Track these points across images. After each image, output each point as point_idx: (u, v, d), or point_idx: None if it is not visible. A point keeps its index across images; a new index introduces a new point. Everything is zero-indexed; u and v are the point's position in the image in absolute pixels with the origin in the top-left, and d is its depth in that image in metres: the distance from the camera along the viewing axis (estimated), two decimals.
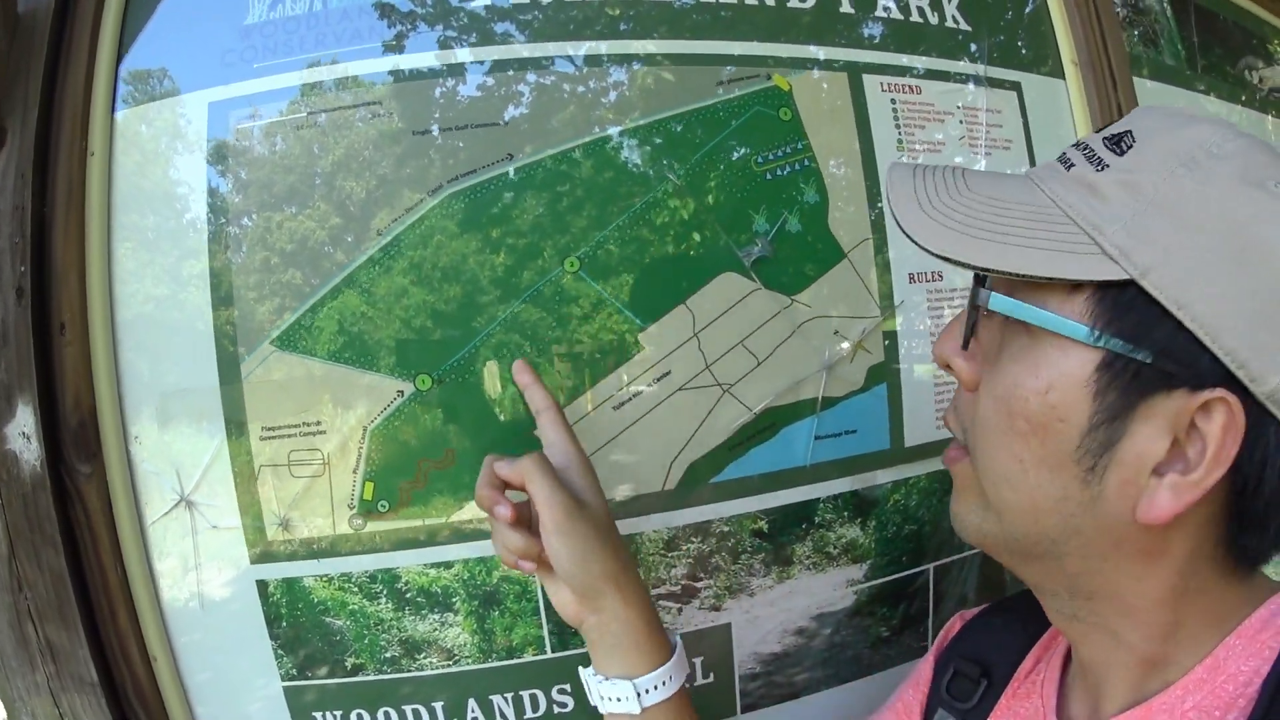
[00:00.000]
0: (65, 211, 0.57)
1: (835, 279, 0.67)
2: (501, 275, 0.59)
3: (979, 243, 0.37)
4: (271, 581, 0.59)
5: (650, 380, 0.61)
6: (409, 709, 0.62)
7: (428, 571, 0.60)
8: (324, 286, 0.57)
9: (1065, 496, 0.36)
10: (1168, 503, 0.33)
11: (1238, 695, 0.35)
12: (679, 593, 0.65)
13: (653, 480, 0.62)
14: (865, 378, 0.68)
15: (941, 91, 0.77)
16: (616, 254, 0.61)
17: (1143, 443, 0.34)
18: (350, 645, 0.60)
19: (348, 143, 0.58)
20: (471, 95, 0.60)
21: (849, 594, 0.70)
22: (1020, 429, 0.37)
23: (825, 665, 0.71)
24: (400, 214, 0.57)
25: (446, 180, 0.58)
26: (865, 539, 0.69)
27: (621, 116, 0.63)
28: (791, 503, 0.66)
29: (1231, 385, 0.32)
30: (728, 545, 0.65)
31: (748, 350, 0.64)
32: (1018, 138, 0.81)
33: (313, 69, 0.58)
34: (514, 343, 0.59)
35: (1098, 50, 0.88)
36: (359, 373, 0.57)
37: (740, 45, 0.68)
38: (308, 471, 0.57)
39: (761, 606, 0.67)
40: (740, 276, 0.64)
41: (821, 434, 0.66)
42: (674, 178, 0.64)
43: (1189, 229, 0.33)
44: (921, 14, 0.77)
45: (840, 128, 0.71)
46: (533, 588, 0.62)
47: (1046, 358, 0.36)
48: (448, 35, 0.61)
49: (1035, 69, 0.84)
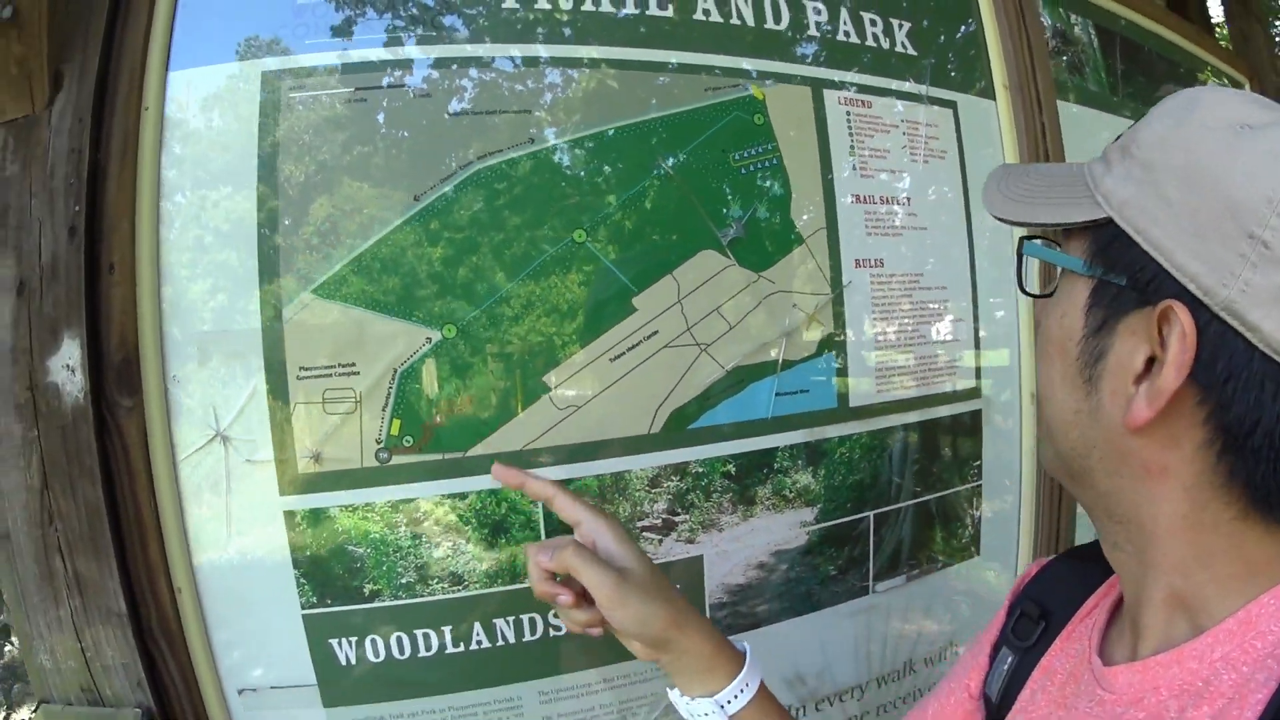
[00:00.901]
0: (120, 160, 0.74)
1: (795, 260, 0.93)
2: (519, 241, 0.81)
3: (1020, 206, 0.53)
4: (299, 512, 0.77)
5: (641, 338, 0.84)
6: (419, 633, 0.81)
7: (444, 502, 0.80)
8: (366, 243, 0.77)
9: (1078, 409, 0.49)
10: (1143, 408, 0.44)
11: (1267, 655, 0.42)
12: (660, 525, 0.87)
13: (641, 424, 0.85)
14: (817, 345, 0.93)
15: (888, 107, 1.04)
16: (617, 229, 0.84)
17: (1124, 355, 0.45)
18: (369, 573, 0.79)
19: (390, 118, 0.78)
20: (504, 84, 0.82)
21: (802, 534, 0.95)
22: (1048, 352, 0.51)
23: (782, 598, 0.95)
24: (435, 184, 0.78)
25: (477, 157, 0.80)
26: (816, 485, 0.94)
27: (624, 112, 0.86)
28: (755, 449, 0.90)
29: (1186, 298, 0.42)
30: (701, 485, 0.88)
31: (722, 316, 0.88)
32: (952, 149, 1.09)
33: (360, 50, 0.78)
34: (529, 296, 0.81)
35: (1027, 76, 1.17)
36: (392, 320, 0.77)
37: (725, 59, 0.93)
38: (341, 409, 0.76)
39: (729, 542, 0.91)
40: (718, 254, 0.89)
41: (781, 391, 0.91)
42: (667, 167, 0.86)
43: (1154, 168, 0.44)
44: (875, 39, 1.05)
45: (803, 133, 0.97)
46: (536, 518, 0.82)
47: (1064, 291, 0.50)
48: (490, 30, 0.82)
49: (970, 90, 1.13)
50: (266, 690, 0.79)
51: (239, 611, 0.78)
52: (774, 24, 0.96)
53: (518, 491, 0.79)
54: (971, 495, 1.09)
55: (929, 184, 1.06)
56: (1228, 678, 0.43)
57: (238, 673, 0.78)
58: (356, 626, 0.79)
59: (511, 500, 0.81)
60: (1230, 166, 0.42)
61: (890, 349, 1.00)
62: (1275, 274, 0.40)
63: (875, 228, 0.99)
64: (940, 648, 1.09)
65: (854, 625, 1.00)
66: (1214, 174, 0.42)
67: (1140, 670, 0.48)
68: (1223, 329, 0.42)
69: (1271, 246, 0.40)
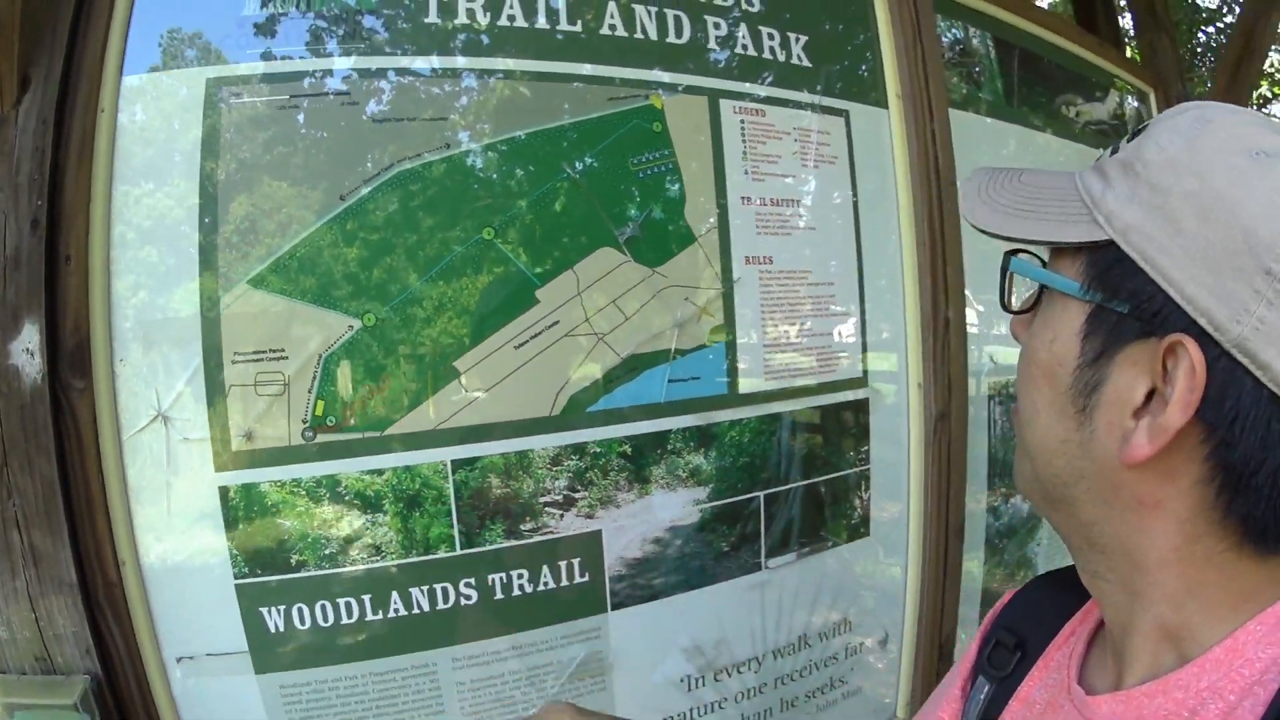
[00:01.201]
0: (78, 159, 0.92)
1: (688, 257, 1.16)
2: (433, 238, 1.02)
3: (1008, 218, 0.58)
4: (233, 487, 0.96)
5: (543, 327, 1.06)
6: (342, 602, 1.01)
7: (364, 478, 1.00)
8: (295, 239, 0.97)
9: (1067, 438, 0.54)
10: (1143, 444, 0.48)
11: (1254, 682, 0.47)
12: (561, 501, 1.10)
13: (542, 406, 1.07)
14: (708, 336, 1.17)
15: (782, 115, 1.28)
16: (523, 228, 1.06)
17: (1123, 387, 0.50)
18: (295, 544, 0.99)
19: (320, 123, 0.99)
20: (424, 92, 1.03)
21: (695, 511, 1.18)
22: (1035, 375, 0.57)
23: (677, 572, 1.18)
24: (359, 184, 0.99)
25: (397, 160, 1.01)
26: (708, 466, 1.18)
27: (532, 120, 1.08)
28: (650, 432, 1.13)
29: (1196, 333, 0.46)
30: (599, 464, 1.11)
31: (618, 308, 1.10)
32: (842, 155, 1.35)
33: (293, 61, 0.98)
34: (441, 289, 1.02)
35: (920, 86, 1.44)
36: (318, 310, 0.97)
37: (629, 71, 1.16)
38: (271, 391, 0.97)
39: (626, 517, 1.13)
40: (616, 251, 1.11)
41: (673, 378, 1.14)
42: (570, 171, 1.10)
43: (1165, 193, 0.48)
44: (772, 52, 1.30)
45: (699, 140, 1.20)
46: (447, 492, 1.04)
47: (1054, 314, 0.55)
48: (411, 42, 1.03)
49: (863, 100, 1.39)
50: (203, 658, 0.98)
51: (178, 582, 0.97)
52: (675, 38, 1.20)
53: (430, 467, 1.00)
54: (860, 479, 1.35)
55: (819, 188, 1.32)
56: (1214, 707, 0.49)
57: (177, 641, 0.97)
58: (284, 595, 0.99)
59: (424, 476, 1.02)
60: (1247, 198, 0.46)
61: (778, 340, 1.25)
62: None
63: (765, 228, 1.24)
64: (834, 623, 1.34)
65: (748, 599, 1.24)
66: (1230, 205, 0.46)
67: (1125, 700, 0.54)
68: (1231, 366, 0.46)
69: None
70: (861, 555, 1.38)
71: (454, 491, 1.03)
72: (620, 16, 1.16)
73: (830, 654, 1.36)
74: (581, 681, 1.14)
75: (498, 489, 1.06)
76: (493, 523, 1.06)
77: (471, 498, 1.04)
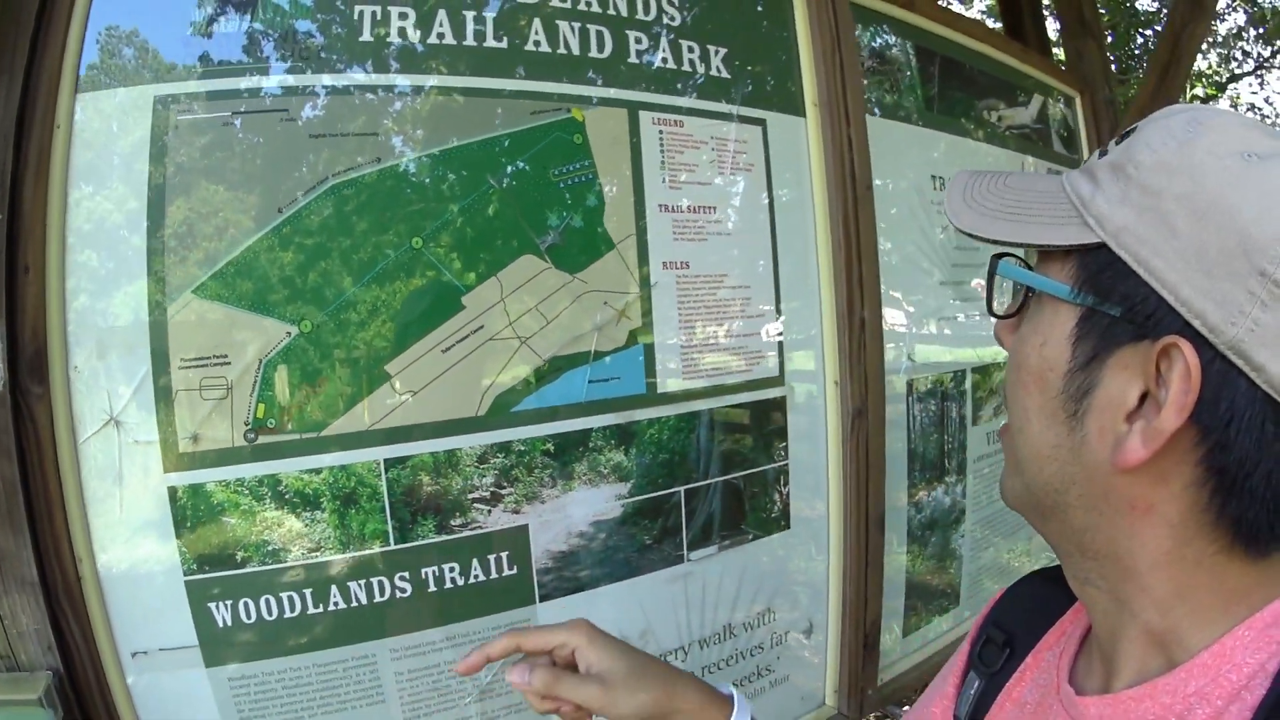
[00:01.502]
0: (35, 172, 1.09)
1: (607, 263, 1.40)
2: (366, 247, 1.24)
3: (995, 221, 0.65)
4: (180, 488, 1.16)
5: (468, 332, 1.29)
6: (285, 596, 1.22)
7: (303, 476, 1.22)
8: (237, 249, 1.18)
9: (1058, 444, 0.62)
10: (1138, 448, 0.55)
11: (1241, 687, 0.54)
12: (489, 497, 1.35)
13: (469, 407, 1.30)
14: (627, 338, 1.41)
15: (700, 125, 1.53)
16: (450, 236, 1.29)
17: (1115, 391, 0.57)
18: (240, 542, 1.19)
19: (258, 137, 1.20)
20: (355, 109, 1.26)
21: (618, 506, 1.43)
22: (1025, 381, 0.64)
23: (602, 565, 1.42)
24: (296, 196, 1.20)
25: (332, 173, 1.22)
26: (628, 463, 1.42)
27: (459, 134, 1.31)
28: (572, 430, 1.38)
29: (1190, 335, 0.53)
30: (524, 461, 1.34)
31: (540, 313, 1.34)
32: (759, 163, 1.61)
33: (236, 78, 1.19)
34: (373, 296, 1.24)
35: (837, 94, 1.69)
36: (258, 317, 1.19)
37: (551, 85, 1.39)
38: (215, 395, 1.18)
39: (551, 512, 1.37)
40: (537, 258, 1.35)
41: (594, 379, 1.39)
42: (494, 182, 1.36)
43: (1158, 195, 0.55)
44: (692, 64, 1.55)
45: (618, 151, 1.45)
46: (381, 490, 1.30)
47: (1044, 317, 0.62)
48: (347, 59, 1.25)
49: (780, 109, 1.65)
50: (156, 652, 1.18)
51: (131, 579, 1.16)
52: (597, 52, 1.44)
53: (364, 466, 1.23)
54: (779, 474, 1.61)
55: (736, 195, 1.58)
56: (1202, 711, 0.56)
57: (132, 636, 1.17)
58: (230, 591, 1.19)
59: (359, 475, 1.24)
60: (1241, 200, 0.52)
61: (696, 342, 1.50)
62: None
63: (682, 234, 1.49)
64: (758, 613, 1.60)
65: (671, 591, 1.49)
66: (1225, 207, 0.52)
67: (1112, 704, 0.62)
68: (1226, 368, 0.52)
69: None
70: (783, 547, 1.64)
71: (387, 489, 1.26)
72: (544, 32, 1.40)
73: (755, 643, 1.62)
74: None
75: (428, 486, 1.29)
76: (424, 519, 1.29)
77: (404, 495, 1.27)
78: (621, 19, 1.50)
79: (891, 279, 1.82)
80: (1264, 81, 12.53)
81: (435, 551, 1.32)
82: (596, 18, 1.47)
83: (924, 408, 1.95)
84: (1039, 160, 2.41)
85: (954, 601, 2.15)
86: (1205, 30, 2.70)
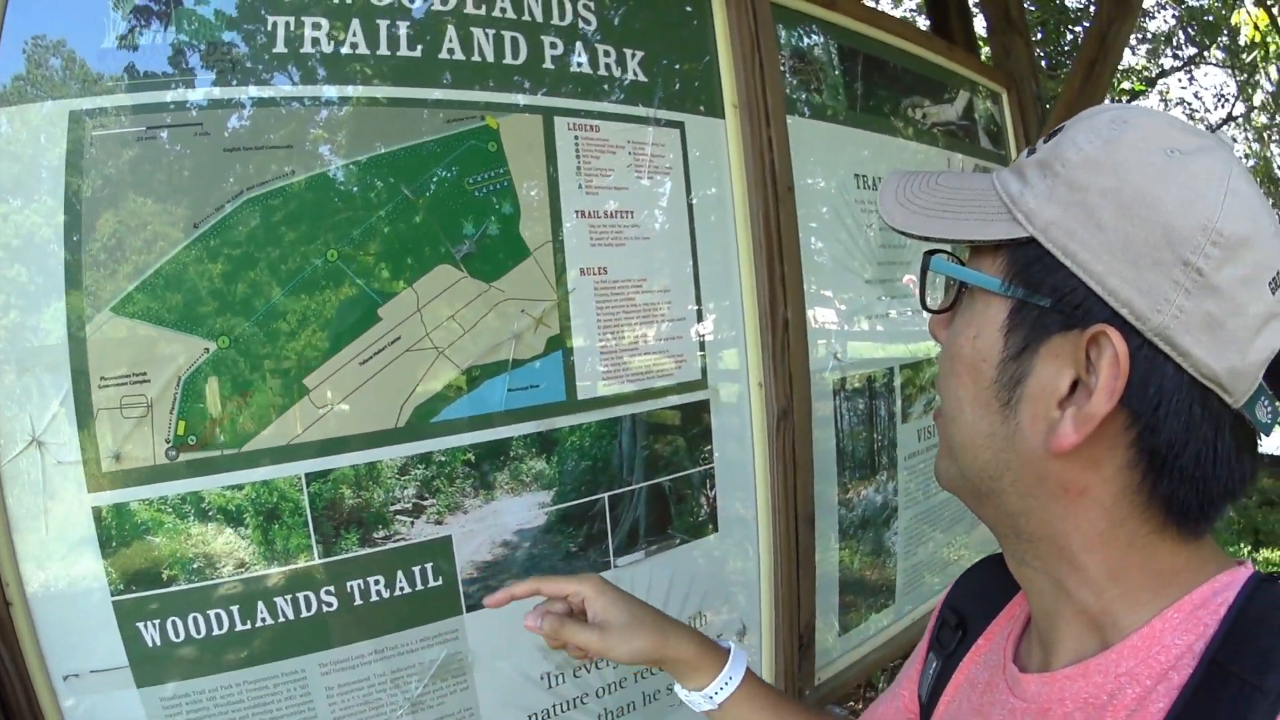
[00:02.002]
0: None
1: (523, 271, 1.48)
2: (282, 261, 1.30)
3: (924, 218, 0.72)
4: (104, 507, 1.22)
5: (385, 343, 1.37)
6: (212, 614, 1.28)
7: (225, 493, 1.28)
8: (153, 266, 1.24)
9: (992, 432, 0.68)
10: (1070, 433, 0.61)
11: (1169, 667, 0.61)
12: (411, 509, 1.45)
13: (388, 419, 1.38)
14: (545, 345, 1.50)
15: (617, 130, 1.62)
16: (364, 249, 1.36)
17: (1047, 379, 0.63)
18: (165, 560, 1.25)
19: (175, 152, 1.26)
20: (270, 122, 1.32)
21: (541, 514, 1.51)
22: (958, 371, 0.70)
23: (528, 573, 1.49)
24: (211, 211, 1.27)
25: (247, 187, 1.29)
26: (550, 470, 1.51)
27: (375, 145, 1.38)
28: (491, 439, 1.46)
29: (1118, 323, 0.59)
30: (445, 472, 1.42)
31: (456, 323, 1.42)
32: (677, 166, 1.69)
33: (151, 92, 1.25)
34: (290, 310, 1.31)
35: (757, 95, 1.79)
36: (175, 334, 1.25)
37: (466, 93, 1.47)
38: (135, 413, 1.23)
39: (474, 522, 1.45)
40: (453, 268, 1.43)
41: (513, 387, 1.47)
42: (408, 192, 1.42)
43: (1084, 190, 0.61)
44: (608, 69, 1.64)
45: (533, 157, 1.53)
46: (303, 505, 1.41)
47: (976, 310, 0.69)
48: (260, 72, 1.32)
49: (698, 111, 1.74)
50: (88, 674, 1.23)
51: (60, 601, 1.21)
52: (512, 59, 1.53)
53: (286, 481, 1.30)
54: (705, 477, 1.71)
55: (653, 198, 1.67)
56: (1131, 691, 0.62)
57: (63, 658, 1.22)
58: (158, 610, 1.25)
59: (281, 490, 1.31)
60: (1165, 194, 0.58)
61: (616, 347, 1.59)
62: (1207, 301, 0.58)
63: (599, 239, 1.59)
64: (689, 617, 1.70)
65: None
66: (1149, 201, 0.59)
67: (1049, 682, 0.70)
68: (1153, 354, 0.59)
69: (1205, 274, 0.57)
70: (712, 550, 1.74)
71: (309, 503, 1.33)
72: (459, 40, 1.49)
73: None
74: (444, 681, 1.46)
75: (350, 500, 1.37)
76: (347, 532, 1.36)
77: (326, 509, 1.34)
78: (537, 24, 1.60)
79: (819, 278, 1.94)
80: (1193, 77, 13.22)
81: (359, 565, 1.39)
82: (512, 24, 1.57)
83: (853, 406, 2.08)
84: (966, 156, 2.56)
85: (891, 598, 2.28)
86: (1131, 27, 2.88)
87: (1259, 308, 0.60)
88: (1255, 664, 0.59)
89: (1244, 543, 7.02)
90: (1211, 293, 0.58)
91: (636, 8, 1.75)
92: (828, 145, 2.09)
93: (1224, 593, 0.64)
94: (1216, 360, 0.59)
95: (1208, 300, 0.58)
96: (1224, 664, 0.60)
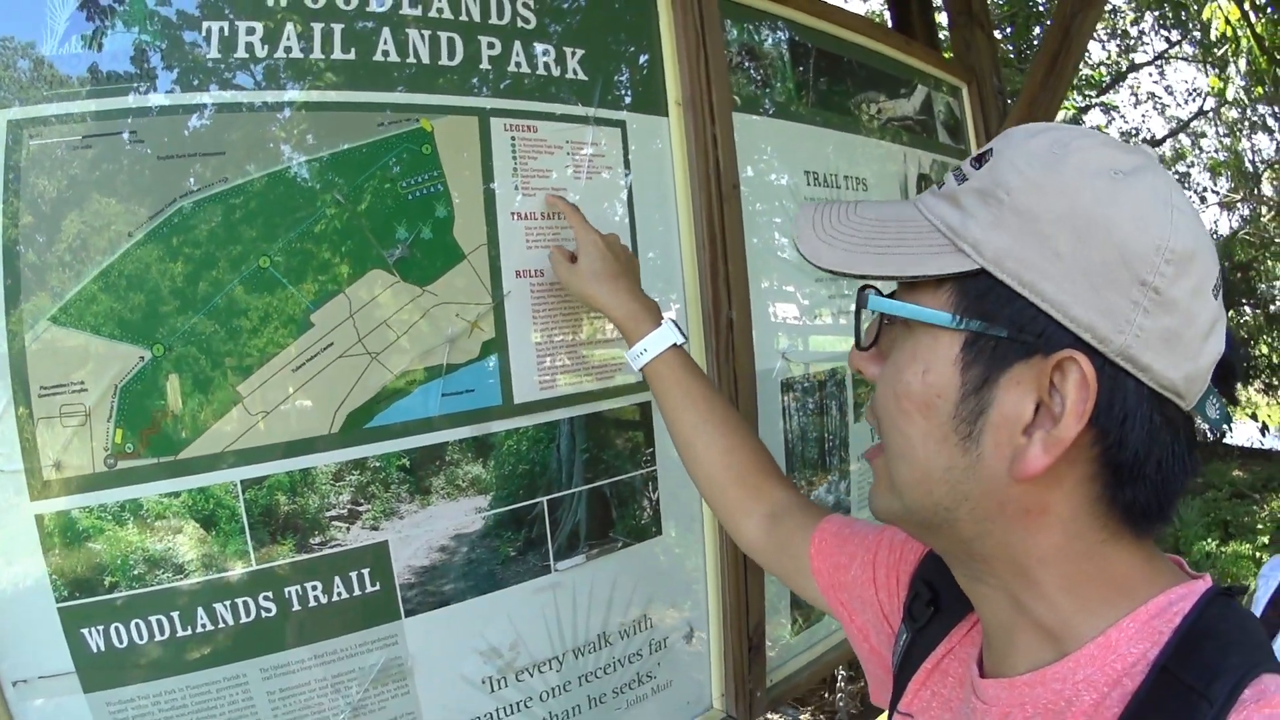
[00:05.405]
0: None
1: (458, 274, 1.58)
2: (214, 268, 1.39)
3: (858, 255, 0.75)
4: (46, 515, 1.31)
5: (318, 349, 1.47)
6: (154, 619, 1.37)
7: (163, 500, 1.37)
8: (87, 275, 1.32)
9: (951, 465, 0.72)
10: (1039, 457, 0.65)
11: (1123, 675, 0.67)
12: (346, 515, 1.56)
13: (321, 425, 1.47)
14: (480, 350, 1.60)
15: (554, 130, 1.72)
16: (296, 254, 1.45)
17: (1010, 407, 0.68)
18: (107, 567, 1.34)
19: (110, 161, 1.35)
20: (203, 129, 1.42)
21: (479, 519, 1.61)
22: (907, 409, 0.73)
23: (467, 578, 1.59)
24: (144, 221, 1.35)
25: (180, 195, 1.38)
26: (487, 475, 1.61)
27: (308, 150, 1.48)
28: (426, 444, 1.56)
29: (1082, 346, 0.63)
30: (380, 478, 1.51)
31: (389, 328, 1.52)
32: (618, 165, 1.79)
33: (85, 101, 1.32)
34: (222, 318, 1.40)
35: (701, 92, 1.88)
36: (111, 343, 1.33)
37: (399, 96, 1.56)
38: (74, 422, 1.32)
39: (410, 528, 1.55)
40: (385, 272, 1.52)
41: (447, 392, 1.57)
42: (340, 197, 1.50)
43: (1035, 218, 0.65)
44: (547, 68, 1.73)
45: (468, 159, 1.62)
46: (239, 511, 1.54)
47: (923, 346, 0.72)
48: (193, 80, 1.41)
49: (641, 109, 1.84)
50: (36, 680, 1.32)
51: (8, 608, 1.30)
52: (448, 60, 1.62)
53: (221, 488, 1.39)
54: (646, 480, 1.83)
55: (593, 199, 1.77)
56: (1088, 698, 0.68)
57: (12, 665, 1.31)
58: (101, 616, 1.33)
59: (217, 497, 1.39)
60: (1116, 215, 0.63)
61: (552, 350, 1.70)
62: (1164, 317, 0.63)
63: (536, 241, 1.69)
64: (634, 620, 1.81)
65: (539, 601, 1.69)
66: (1102, 224, 0.63)
67: (1009, 687, 0.75)
68: (1115, 372, 0.65)
69: (1162, 292, 0.63)
70: (656, 553, 1.86)
71: (245, 510, 1.42)
72: (394, 42, 1.58)
73: (633, 650, 1.84)
74: (385, 686, 1.56)
75: (285, 506, 1.46)
76: (283, 538, 1.46)
77: (262, 515, 1.44)
78: (474, 24, 1.69)
79: (768, 277, 2.07)
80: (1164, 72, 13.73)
81: (297, 571, 1.49)
82: (448, 24, 1.66)
83: (802, 405, 2.19)
84: (924, 152, 2.67)
85: None
86: (1095, 19, 2.99)
87: (1207, 315, 0.66)
88: (1201, 673, 0.65)
89: (1213, 536, 7.16)
90: (1168, 308, 0.64)
91: (577, 5, 1.85)
92: (778, 142, 2.20)
93: (1179, 604, 0.70)
94: (1174, 370, 0.66)
95: (1165, 316, 0.64)
96: (1173, 672, 0.66)
